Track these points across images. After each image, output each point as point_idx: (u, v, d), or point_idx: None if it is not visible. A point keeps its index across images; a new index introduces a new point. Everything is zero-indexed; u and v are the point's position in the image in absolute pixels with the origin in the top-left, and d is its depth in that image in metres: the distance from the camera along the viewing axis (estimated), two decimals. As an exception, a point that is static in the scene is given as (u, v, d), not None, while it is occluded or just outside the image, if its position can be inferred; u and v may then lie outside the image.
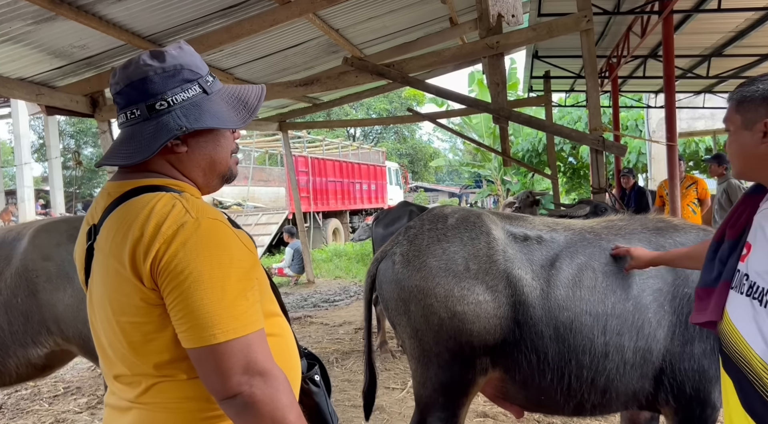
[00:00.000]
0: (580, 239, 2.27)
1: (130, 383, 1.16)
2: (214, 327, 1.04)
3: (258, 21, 5.12)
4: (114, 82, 1.17)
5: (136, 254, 1.07)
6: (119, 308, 1.11)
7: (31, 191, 24.42)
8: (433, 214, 2.39)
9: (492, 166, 20.08)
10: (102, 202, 1.20)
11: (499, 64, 4.84)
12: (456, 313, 2.13)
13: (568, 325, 2.08)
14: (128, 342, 1.12)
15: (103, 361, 1.22)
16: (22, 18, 4.22)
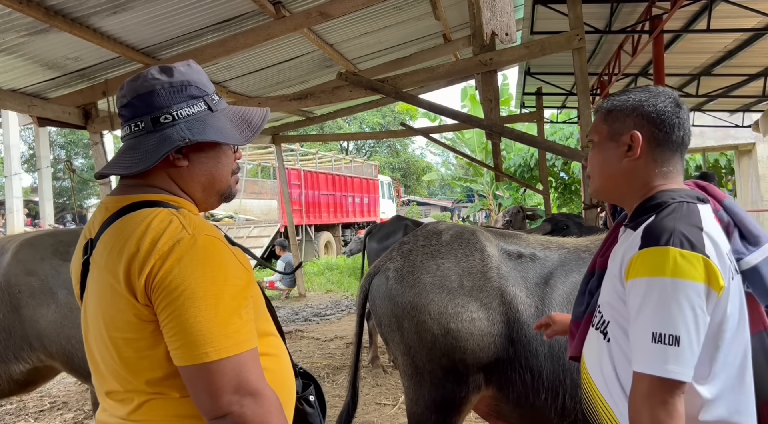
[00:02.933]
0: (575, 258, 2.27)
1: (122, 399, 1.14)
2: (206, 345, 1.02)
3: (253, 35, 5.14)
4: (121, 94, 1.19)
5: (131, 269, 1.06)
6: (112, 324, 1.10)
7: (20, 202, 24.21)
8: (428, 230, 2.39)
9: (484, 181, 20.16)
10: (99, 216, 1.19)
11: (492, 81, 4.88)
12: (450, 330, 2.12)
13: (563, 343, 2.08)
14: (121, 358, 1.10)
15: (96, 377, 1.20)
16: (16, 29, 4.21)
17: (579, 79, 4.68)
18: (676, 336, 1.10)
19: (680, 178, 1.32)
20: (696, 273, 1.12)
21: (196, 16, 4.84)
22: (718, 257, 1.15)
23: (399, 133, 11.49)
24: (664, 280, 1.13)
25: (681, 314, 1.11)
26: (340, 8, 4.94)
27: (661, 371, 1.10)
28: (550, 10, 6.02)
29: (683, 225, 1.17)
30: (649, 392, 1.11)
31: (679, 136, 1.28)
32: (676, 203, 1.23)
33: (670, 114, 1.27)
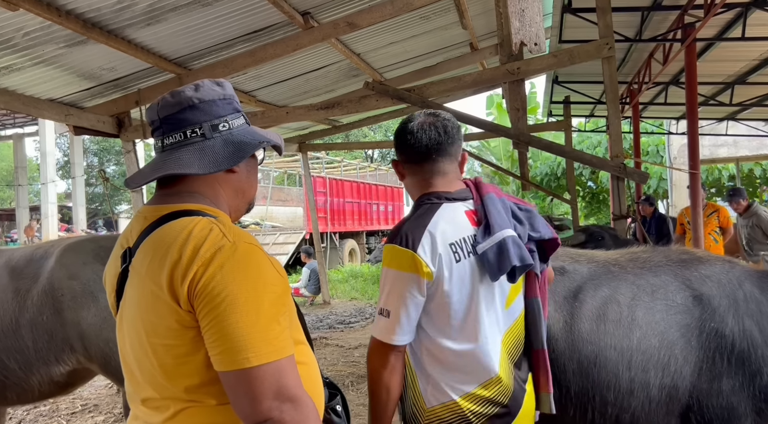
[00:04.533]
0: (605, 272, 2.23)
1: (157, 407, 1.16)
2: (247, 350, 1.04)
3: (281, 45, 5.21)
4: (176, 101, 1.21)
5: (174, 276, 1.08)
6: (153, 330, 1.12)
7: (54, 208, 24.93)
8: (454, 242, 2.37)
9: (510, 190, 19.98)
10: (137, 225, 1.22)
11: (520, 90, 4.86)
12: (476, 344, 2.10)
13: (593, 359, 2.04)
14: (160, 365, 1.12)
15: (130, 384, 1.23)
16: (55, 41, 4.35)
17: (608, 88, 4.63)
18: (388, 311, 1.55)
19: (442, 180, 1.65)
20: (405, 265, 1.52)
21: (226, 27, 4.93)
22: (432, 250, 1.53)
23: (425, 142, 11.47)
24: (387, 269, 1.56)
25: (393, 295, 1.54)
26: (367, 18, 4.98)
27: (378, 336, 1.57)
28: (578, 19, 5.97)
29: (411, 225, 1.58)
30: (373, 349, 1.60)
31: (412, 152, 1.64)
32: (424, 205, 1.62)
33: (399, 137, 1.67)
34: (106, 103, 5.68)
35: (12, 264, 3.07)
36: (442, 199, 1.62)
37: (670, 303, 2.17)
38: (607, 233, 3.97)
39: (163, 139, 1.22)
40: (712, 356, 2.10)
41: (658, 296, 2.18)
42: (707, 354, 2.11)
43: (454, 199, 1.63)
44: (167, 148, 1.22)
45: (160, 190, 1.26)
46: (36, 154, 34.55)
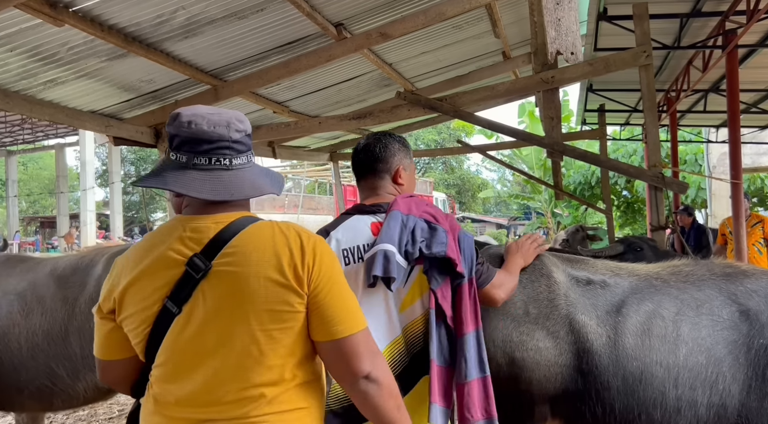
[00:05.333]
0: (647, 285, 2.17)
1: (240, 399, 1.26)
2: (353, 320, 1.32)
3: (315, 57, 5.26)
4: (236, 129, 1.35)
5: (296, 267, 1.28)
6: (271, 317, 1.27)
7: (93, 215, 25.67)
8: (489, 254, 2.34)
9: (542, 198, 19.73)
10: (200, 234, 1.31)
11: (554, 99, 4.79)
12: (514, 359, 2.06)
13: (638, 376, 1.98)
14: (272, 349, 1.27)
15: (191, 385, 1.28)
16: (97, 55, 4.48)
17: (646, 96, 4.53)
18: None
19: (369, 195, 1.93)
20: None
21: (261, 40, 5.01)
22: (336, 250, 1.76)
23: (455, 151, 11.45)
24: None
25: None
26: (400, 29, 4.99)
27: None
28: (614, 26, 5.87)
29: (322, 231, 1.83)
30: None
31: (354, 171, 1.99)
32: (342, 215, 1.91)
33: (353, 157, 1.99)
34: (144, 114, 5.81)
35: (58, 273, 3.15)
36: (355, 211, 1.90)
37: (716, 318, 2.09)
38: (646, 244, 3.86)
39: (231, 159, 1.34)
40: (762, 373, 2.01)
41: (703, 311, 2.11)
42: (756, 372, 2.02)
43: (365, 211, 1.88)
44: (235, 167, 1.35)
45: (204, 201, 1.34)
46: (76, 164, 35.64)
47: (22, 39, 4.01)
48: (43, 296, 3.09)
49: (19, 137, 32.31)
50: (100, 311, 1.40)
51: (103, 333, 1.42)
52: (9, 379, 3.04)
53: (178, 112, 1.35)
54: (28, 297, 3.10)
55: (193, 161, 1.31)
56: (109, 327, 1.40)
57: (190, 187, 1.29)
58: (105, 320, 1.40)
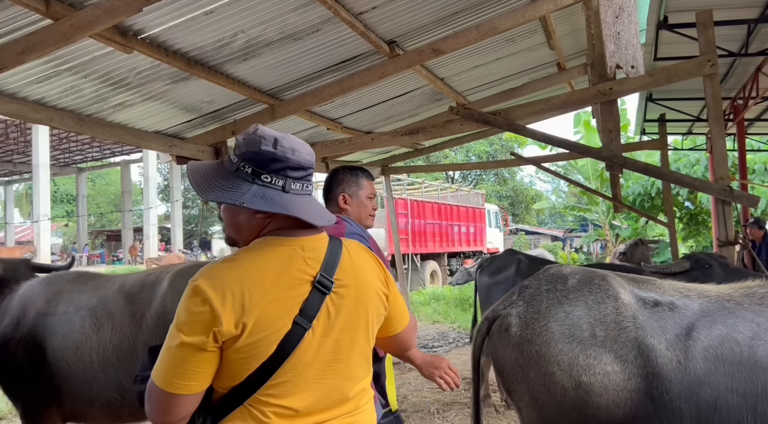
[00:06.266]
0: (719, 308, 2.07)
1: (354, 395, 1.45)
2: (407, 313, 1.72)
3: (368, 74, 5.32)
4: (311, 160, 1.45)
5: (387, 278, 1.57)
6: (376, 321, 1.52)
7: (155, 229, 26.75)
8: (551, 273, 2.29)
9: (599, 210, 19.16)
10: (316, 253, 1.43)
11: (612, 111, 4.67)
12: (581, 383, 2.00)
13: (712, 403, 1.89)
14: (370, 347, 1.50)
15: (316, 393, 1.38)
16: (162, 79, 4.69)
17: (711, 106, 4.35)
18: None
19: None
20: None
21: (316, 59, 5.12)
22: None
23: (508, 163, 11.30)
24: None
25: None
26: (452, 44, 4.99)
27: None
28: (675, 34, 5.68)
29: None
30: None
31: None
32: None
33: None
34: (205, 133, 6.02)
35: (126, 289, 3.29)
36: None
37: (797, 344, 1.97)
38: (715, 260, 3.67)
39: (310, 185, 1.46)
40: None
41: (782, 336, 1.99)
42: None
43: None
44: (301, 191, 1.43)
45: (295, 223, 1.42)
46: (140, 179, 37.32)
47: (95, 66, 4.25)
48: (113, 311, 3.23)
49: (89, 155, 34.16)
50: (200, 343, 1.28)
51: (196, 364, 1.30)
52: (81, 391, 3.19)
53: (275, 137, 1.38)
54: (99, 313, 3.24)
55: (290, 186, 1.39)
56: (204, 358, 1.30)
57: (310, 215, 1.40)
58: (200, 351, 1.29)
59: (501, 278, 5.17)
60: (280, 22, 4.25)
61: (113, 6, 3.30)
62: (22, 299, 3.44)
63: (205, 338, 1.28)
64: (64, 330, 3.23)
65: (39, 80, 4.28)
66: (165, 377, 1.31)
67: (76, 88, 4.52)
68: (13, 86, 4.27)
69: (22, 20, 3.47)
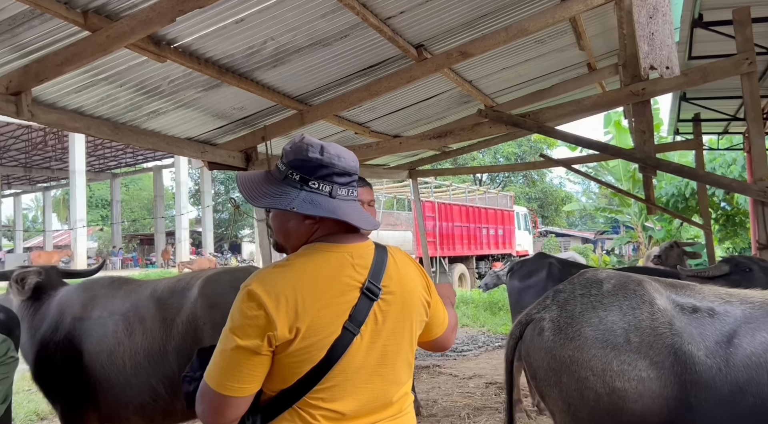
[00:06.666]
0: (762, 314, 2.01)
1: (398, 398, 1.48)
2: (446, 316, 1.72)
3: (396, 78, 5.33)
4: (356, 166, 1.50)
5: (428, 284, 1.60)
6: (419, 327, 1.55)
7: (186, 233, 27.25)
8: (586, 278, 2.26)
9: (632, 211, 18.78)
10: (363, 259, 1.46)
11: (645, 111, 4.58)
12: (615, 389, 1.97)
13: (753, 413, 1.83)
14: (413, 352, 1.53)
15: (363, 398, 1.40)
16: (194, 86, 4.78)
17: (749, 105, 4.23)
18: None
19: None
20: None
21: (344, 64, 5.15)
22: None
23: (538, 165, 11.17)
24: None
25: None
26: (481, 47, 4.97)
27: None
28: (710, 32, 5.54)
29: None
30: None
31: None
32: None
33: None
34: (236, 139, 6.12)
35: (157, 295, 3.35)
36: None
37: None
38: (756, 264, 3.55)
39: (355, 190, 1.50)
40: None
41: (829, 344, 1.93)
42: None
43: None
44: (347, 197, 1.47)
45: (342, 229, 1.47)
46: (171, 184, 38.09)
47: (130, 75, 4.36)
48: (144, 316, 3.30)
49: (122, 161, 35.06)
50: (254, 346, 1.31)
51: (250, 367, 1.33)
52: (116, 394, 3.26)
53: (321, 145, 1.43)
54: (131, 317, 3.31)
55: (337, 192, 1.44)
56: (258, 361, 1.33)
57: (357, 219, 1.45)
58: (254, 355, 1.32)
59: (532, 282, 5.11)
60: (309, 28, 4.29)
61: (148, 17, 3.39)
62: (60, 303, 3.54)
63: (259, 341, 1.31)
64: (98, 334, 3.32)
65: (77, 90, 4.41)
66: (219, 379, 1.34)
67: (111, 97, 4.64)
68: (52, 97, 4.41)
69: (62, 32, 3.58)
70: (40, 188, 40.85)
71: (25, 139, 28.92)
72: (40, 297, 3.64)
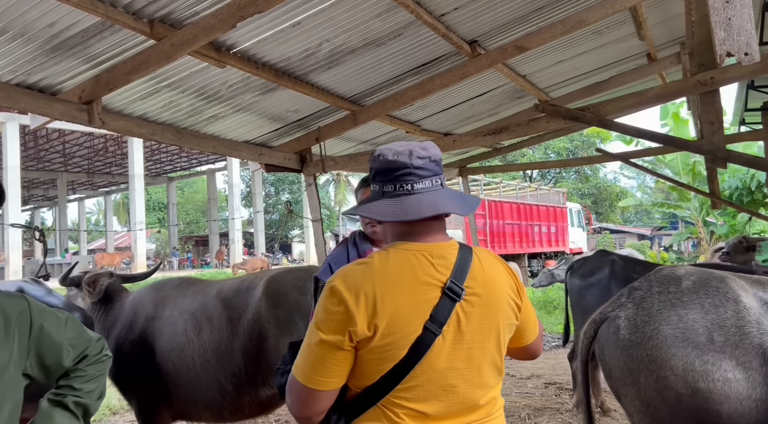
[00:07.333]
0: None
1: (487, 402, 1.45)
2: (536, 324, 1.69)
3: (449, 75, 5.30)
4: (418, 156, 1.45)
5: (517, 286, 1.54)
6: (508, 330, 1.50)
7: (239, 234, 27.94)
8: (663, 275, 2.18)
9: (692, 206, 18.03)
10: (445, 259, 1.43)
11: (714, 101, 4.39)
12: (698, 390, 1.89)
13: None
14: (501, 356, 1.48)
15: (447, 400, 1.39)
16: (252, 90, 4.89)
17: (829, 91, 3.98)
18: None
19: None
20: None
21: (397, 64, 5.15)
22: None
23: (594, 159, 10.85)
24: None
25: None
26: (536, 40, 4.88)
27: None
28: (782, 15, 5.26)
29: None
30: None
31: None
32: None
33: None
34: (291, 141, 6.22)
35: (223, 295, 3.45)
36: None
37: None
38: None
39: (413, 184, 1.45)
40: None
41: None
42: None
43: None
44: (418, 191, 1.44)
45: (430, 226, 1.46)
46: (224, 186, 39.15)
47: (191, 81, 4.50)
48: (212, 315, 3.40)
49: (178, 165, 36.29)
50: (337, 341, 1.34)
51: (334, 362, 1.36)
52: (186, 391, 3.38)
53: (392, 149, 1.48)
54: (199, 317, 3.42)
55: (383, 189, 1.45)
56: (341, 356, 1.36)
57: (374, 212, 1.43)
58: (338, 350, 1.35)
59: (594, 281, 4.97)
60: (363, 29, 4.32)
61: (210, 24, 3.49)
62: (134, 303, 3.70)
63: (341, 336, 1.34)
64: (169, 333, 3.44)
65: (142, 97, 4.59)
66: (305, 373, 1.38)
67: (173, 103, 4.81)
68: (119, 104, 4.61)
69: (129, 42, 3.73)
70: (101, 193, 42.79)
71: (88, 147, 30.38)
72: (111, 300, 3.81)
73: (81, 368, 1.63)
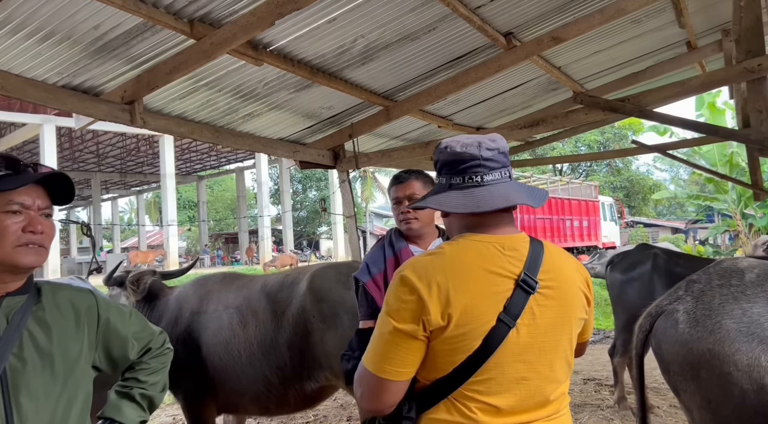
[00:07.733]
0: None
1: (555, 399, 1.42)
2: None
3: (483, 68, 5.24)
4: (487, 148, 1.44)
5: (587, 280, 1.52)
6: (578, 325, 1.48)
7: (268, 231, 28.22)
8: (724, 267, 2.11)
9: (729, 198, 17.54)
10: (517, 252, 1.42)
11: (762, 89, 4.23)
12: (765, 386, 1.83)
13: None
14: (572, 351, 1.47)
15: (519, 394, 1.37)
16: (287, 88, 4.92)
17: None
18: None
19: None
20: None
21: (430, 58, 5.11)
22: None
23: (629, 152, 10.62)
24: None
25: None
26: (573, 31, 4.79)
27: None
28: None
29: None
30: None
31: None
32: None
33: None
34: (324, 138, 6.24)
35: (267, 289, 3.49)
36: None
37: None
38: None
39: (483, 176, 1.43)
40: None
41: None
42: None
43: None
44: (487, 183, 1.42)
45: (500, 219, 1.44)
46: (252, 184, 39.61)
47: (228, 80, 4.55)
48: (257, 309, 3.43)
49: (207, 164, 36.82)
50: (411, 330, 1.32)
51: (407, 351, 1.34)
52: (232, 384, 3.42)
53: (459, 141, 1.46)
54: (244, 311, 3.46)
55: (451, 182, 1.44)
56: (415, 345, 1.34)
57: (444, 204, 1.42)
58: (411, 339, 1.33)
59: (635, 275, 4.87)
60: (398, 23, 4.29)
61: (248, 22, 3.51)
62: (179, 299, 3.76)
63: (415, 325, 1.32)
64: (215, 327, 3.49)
65: (181, 96, 4.65)
66: (376, 362, 1.36)
67: (211, 102, 4.86)
68: (159, 104, 4.68)
69: (170, 42, 3.78)
70: (133, 192, 43.70)
71: (121, 147, 31.05)
72: (156, 296, 3.88)
73: (145, 360, 1.67)
